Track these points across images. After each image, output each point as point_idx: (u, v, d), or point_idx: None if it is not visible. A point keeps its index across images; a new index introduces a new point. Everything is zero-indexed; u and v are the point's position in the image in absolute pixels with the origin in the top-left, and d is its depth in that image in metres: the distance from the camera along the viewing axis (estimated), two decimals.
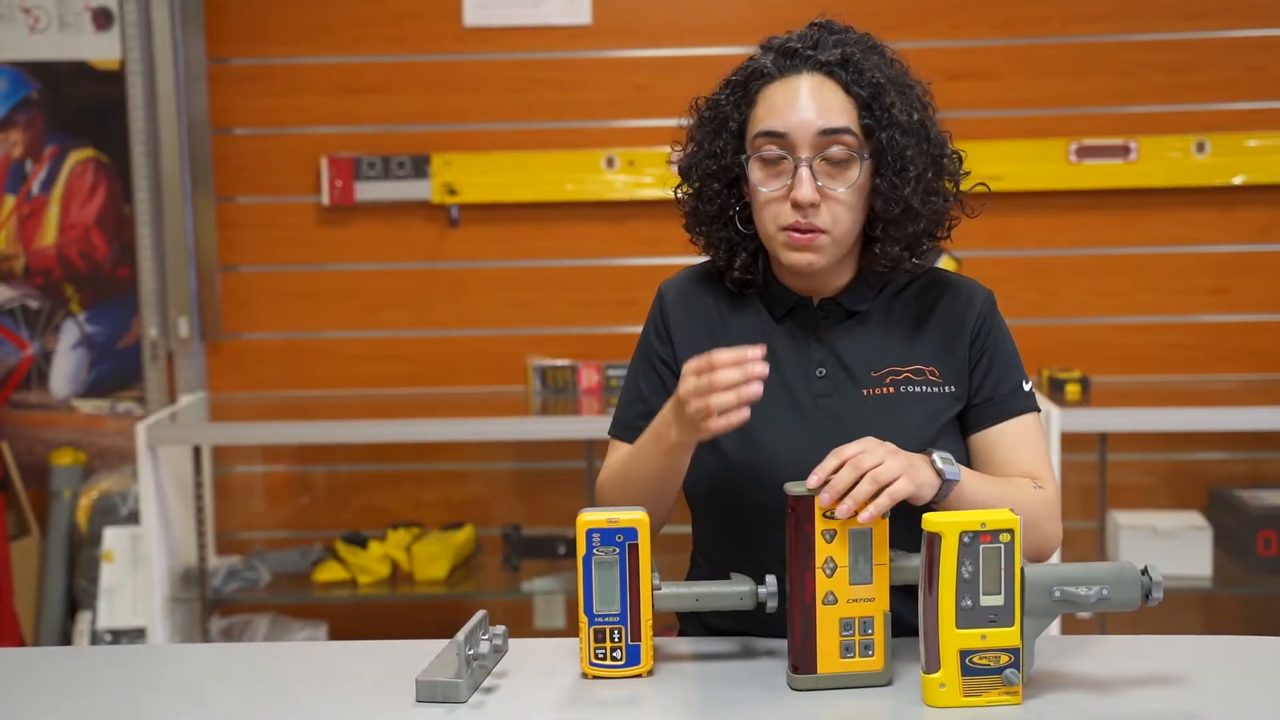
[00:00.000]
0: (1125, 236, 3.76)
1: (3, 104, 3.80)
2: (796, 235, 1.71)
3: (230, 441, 3.79)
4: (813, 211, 1.70)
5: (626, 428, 1.87)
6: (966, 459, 1.80)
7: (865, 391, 1.77)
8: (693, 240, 1.86)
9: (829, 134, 1.70)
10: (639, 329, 1.90)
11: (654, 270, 3.67)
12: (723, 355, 1.58)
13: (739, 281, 1.83)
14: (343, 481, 3.94)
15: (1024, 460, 1.78)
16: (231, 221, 3.85)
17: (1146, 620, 2.49)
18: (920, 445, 1.69)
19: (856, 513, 1.52)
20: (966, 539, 1.48)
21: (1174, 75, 3.70)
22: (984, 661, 1.50)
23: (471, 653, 1.57)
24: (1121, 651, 1.70)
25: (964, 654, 1.49)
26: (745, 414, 1.58)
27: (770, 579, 1.63)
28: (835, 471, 1.54)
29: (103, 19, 3.77)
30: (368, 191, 3.76)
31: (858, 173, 1.72)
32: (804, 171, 1.70)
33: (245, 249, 3.85)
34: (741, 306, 1.84)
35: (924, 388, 1.77)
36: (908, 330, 1.80)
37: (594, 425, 3.43)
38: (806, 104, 1.71)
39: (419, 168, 3.75)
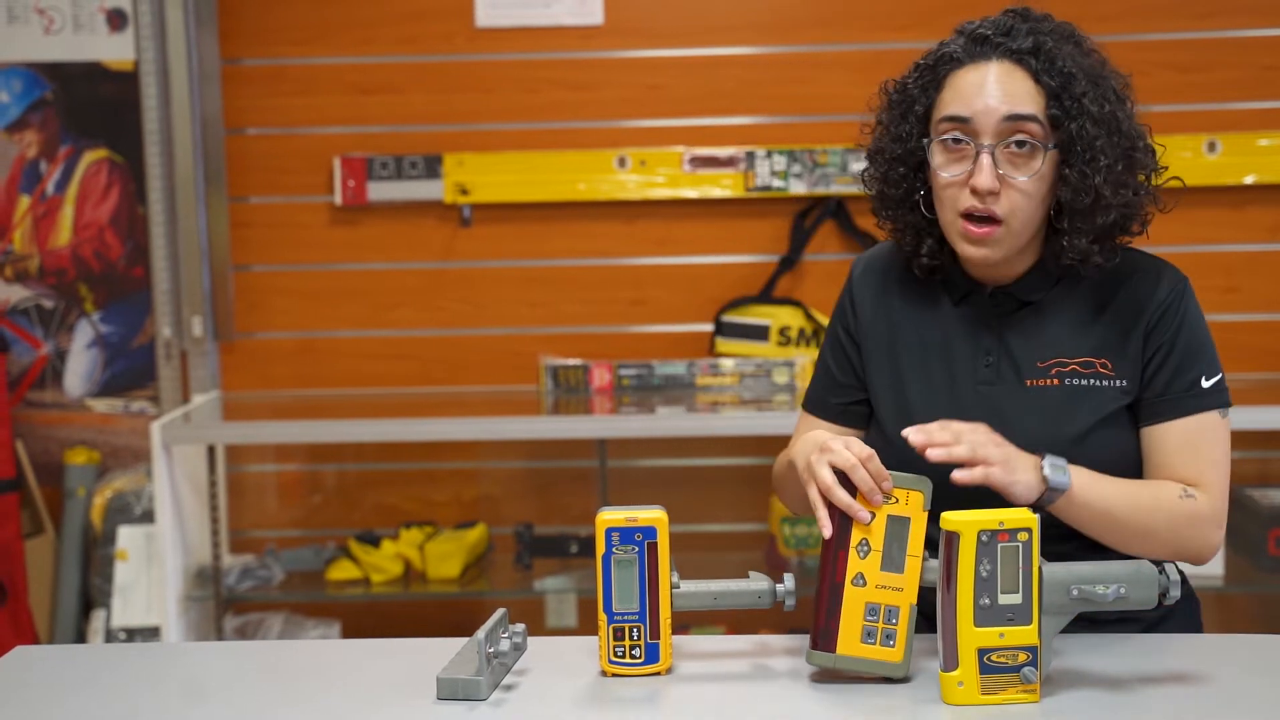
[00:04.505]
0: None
1: (17, 105, 3.82)
2: (971, 227, 1.71)
3: (244, 440, 3.81)
4: (991, 199, 1.70)
5: (816, 404, 1.91)
6: (1137, 452, 1.78)
7: (1029, 382, 1.76)
8: (880, 225, 1.87)
9: (1013, 120, 1.70)
10: (651, 328, 1.92)
11: (665, 270, 3.68)
12: (874, 466, 1.56)
13: (926, 268, 1.83)
14: (355, 480, 3.95)
15: (1184, 464, 1.74)
16: (245, 221, 3.86)
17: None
18: (1074, 438, 1.70)
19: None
20: (985, 538, 1.49)
21: (1185, 75, 3.70)
22: (1002, 660, 1.51)
23: (492, 650, 1.58)
24: (1136, 649, 1.70)
25: (982, 652, 1.50)
26: (827, 529, 1.57)
27: (788, 577, 1.64)
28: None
29: (117, 20, 3.78)
30: (380, 191, 3.78)
31: (1041, 162, 1.71)
32: (984, 158, 1.69)
33: (258, 249, 3.87)
34: (922, 288, 1.85)
35: (1092, 380, 1.76)
36: (1083, 320, 1.78)
37: (606, 424, 3.42)
38: (992, 90, 1.71)
39: (431, 168, 3.76)
